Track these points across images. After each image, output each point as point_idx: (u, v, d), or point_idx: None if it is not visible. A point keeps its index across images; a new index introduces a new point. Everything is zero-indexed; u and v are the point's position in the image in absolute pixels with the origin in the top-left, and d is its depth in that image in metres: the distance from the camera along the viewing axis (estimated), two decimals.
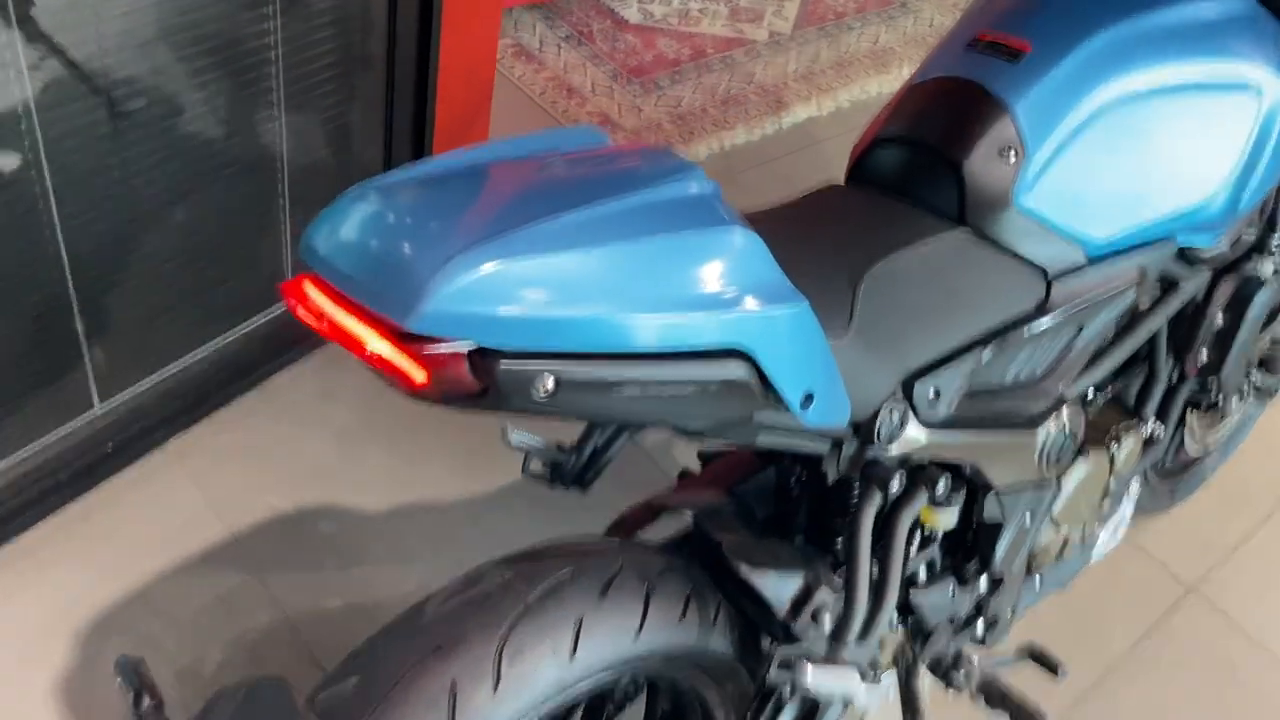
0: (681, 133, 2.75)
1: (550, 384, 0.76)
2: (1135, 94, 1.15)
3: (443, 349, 0.73)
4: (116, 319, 1.71)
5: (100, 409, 1.75)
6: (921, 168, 1.14)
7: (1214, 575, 2.02)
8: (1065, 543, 1.42)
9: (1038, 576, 1.47)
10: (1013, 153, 1.11)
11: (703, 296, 0.80)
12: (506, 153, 0.86)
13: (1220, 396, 1.66)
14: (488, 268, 0.72)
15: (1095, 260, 1.19)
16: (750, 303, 0.82)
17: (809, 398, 0.91)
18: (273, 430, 1.90)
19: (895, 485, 1.07)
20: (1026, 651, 1.40)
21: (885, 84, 3.08)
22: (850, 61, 3.15)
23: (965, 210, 1.12)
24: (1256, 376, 1.75)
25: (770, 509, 1.24)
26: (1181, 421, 1.85)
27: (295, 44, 1.73)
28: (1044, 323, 1.15)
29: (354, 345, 0.74)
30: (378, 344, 0.73)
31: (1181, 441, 1.92)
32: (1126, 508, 1.62)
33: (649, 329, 0.78)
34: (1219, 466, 2.15)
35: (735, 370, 0.84)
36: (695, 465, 1.36)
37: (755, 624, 1.14)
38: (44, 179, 1.47)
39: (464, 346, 0.74)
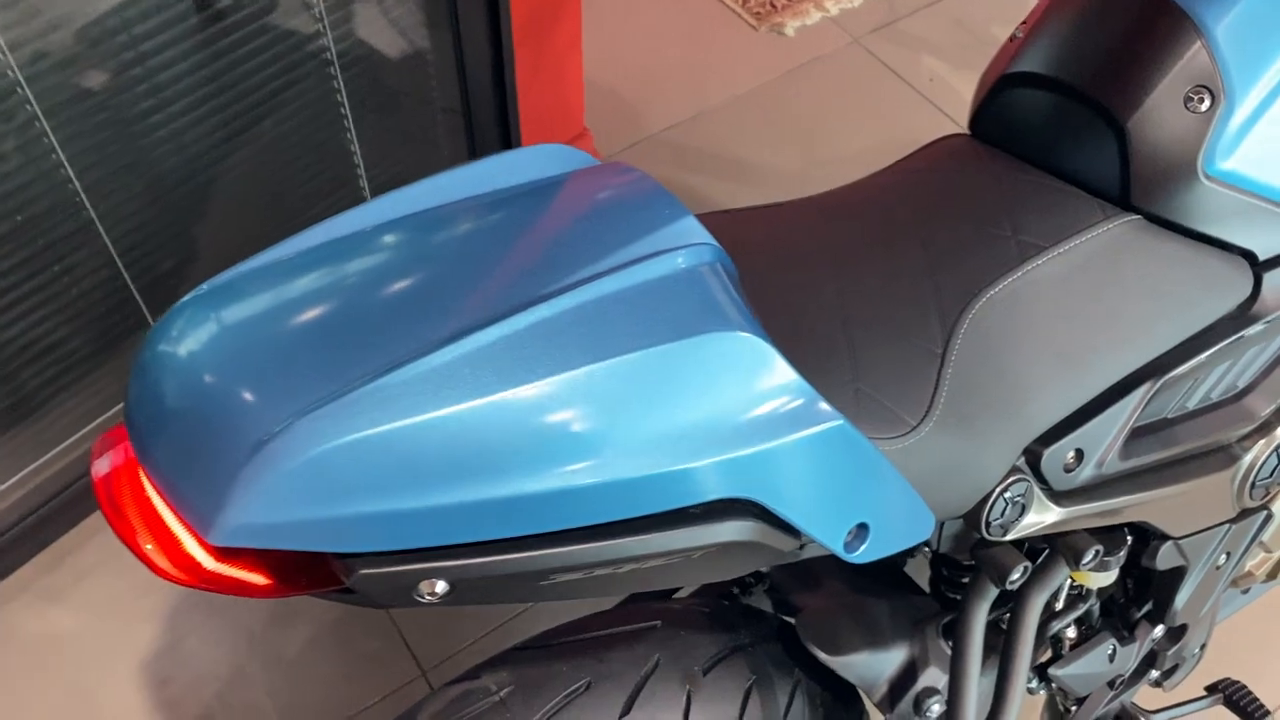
0: None
1: (440, 587, 0.54)
2: None
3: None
4: None
5: None
6: (1066, 122, 0.80)
7: None
8: None
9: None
10: (1208, 95, 0.76)
11: (675, 439, 0.55)
12: (421, 202, 0.62)
13: None
14: (314, 455, 0.49)
15: None
16: (750, 436, 0.56)
17: (861, 529, 0.64)
18: None
19: (1017, 574, 0.80)
20: (1220, 692, 1.11)
21: None
22: None
23: (1131, 185, 0.78)
24: None
25: None
26: None
27: None
28: (1250, 328, 0.82)
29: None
30: (198, 552, 0.53)
31: None
32: None
33: (588, 500, 0.54)
34: None
35: (734, 530, 0.58)
36: None
37: (842, 707, 0.92)
38: None
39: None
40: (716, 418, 0.55)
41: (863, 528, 0.64)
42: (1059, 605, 0.95)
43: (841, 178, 0.92)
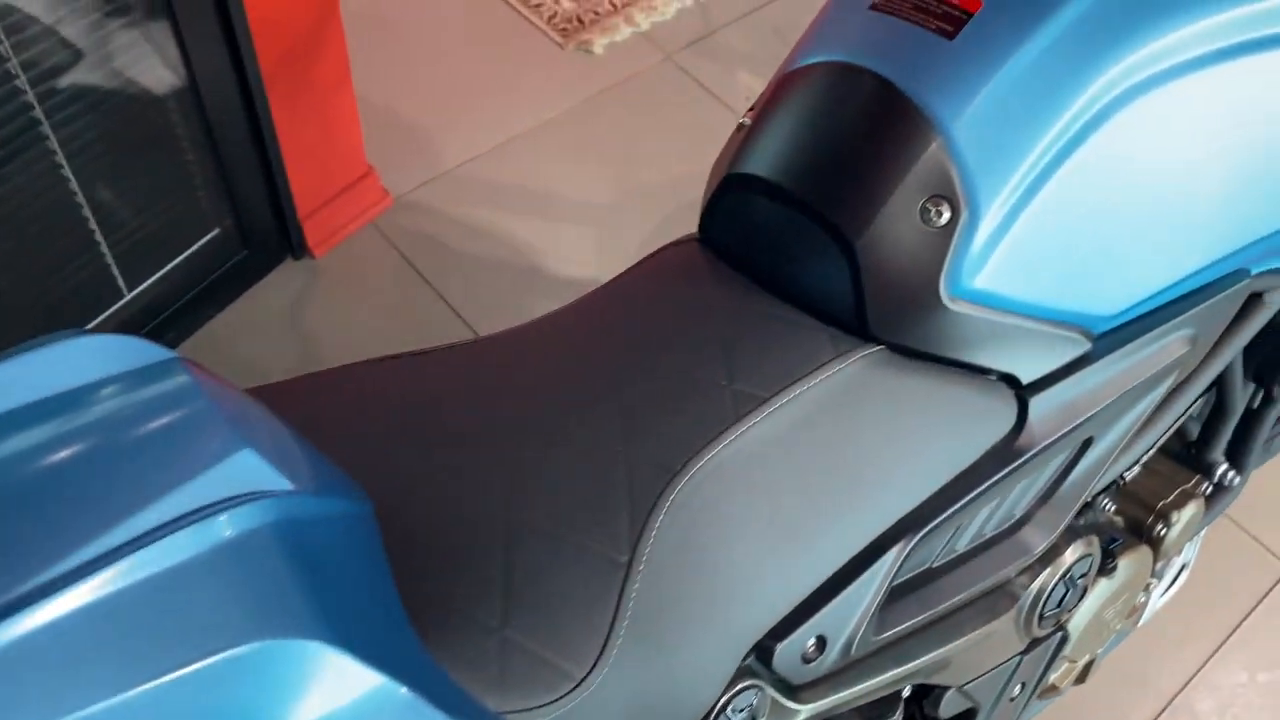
0: None
1: None
2: (1165, 72, 0.65)
3: None
4: None
5: None
6: (793, 238, 0.67)
7: None
8: (1089, 663, 1.01)
9: None
10: (947, 206, 0.64)
11: None
12: None
13: None
14: None
15: (1108, 340, 0.73)
16: None
17: None
18: None
19: None
20: None
21: None
22: None
23: (867, 314, 0.66)
24: None
25: None
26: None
27: None
28: (1018, 460, 0.71)
29: None
30: None
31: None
32: (1189, 553, 1.19)
33: None
34: None
35: None
36: None
37: None
38: None
39: None
40: None
41: None
42: None
43: (657, 208, 0.79)
